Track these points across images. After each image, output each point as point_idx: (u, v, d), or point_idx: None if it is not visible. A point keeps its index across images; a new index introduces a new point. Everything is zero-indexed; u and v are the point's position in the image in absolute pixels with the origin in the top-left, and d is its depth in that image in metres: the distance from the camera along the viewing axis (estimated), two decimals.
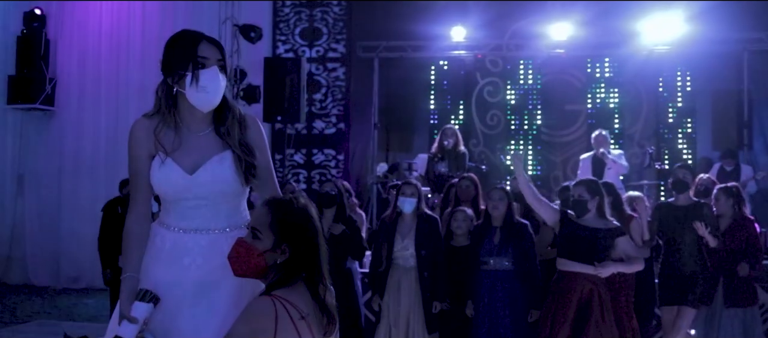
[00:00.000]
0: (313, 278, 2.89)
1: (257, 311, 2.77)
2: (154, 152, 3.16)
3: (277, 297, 2.78)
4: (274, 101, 11.21)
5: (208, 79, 3.08)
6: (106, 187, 12.46)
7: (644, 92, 12.68)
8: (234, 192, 3.19)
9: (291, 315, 2.77)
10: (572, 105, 12.98)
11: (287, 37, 13.22)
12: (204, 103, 3.12)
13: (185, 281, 3.08)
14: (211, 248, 3.09)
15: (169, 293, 3.06)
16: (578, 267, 5.96)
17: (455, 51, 13.06)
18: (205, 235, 3.13)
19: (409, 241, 6.83)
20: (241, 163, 3.14)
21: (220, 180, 3.13)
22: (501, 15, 12.58)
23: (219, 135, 3.18)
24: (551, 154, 12.90)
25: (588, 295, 5.93)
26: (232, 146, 3.16)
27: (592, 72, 12.97)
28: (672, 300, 6.96)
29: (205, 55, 3.10)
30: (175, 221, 3.17)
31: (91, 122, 13.08)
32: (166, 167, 3.13)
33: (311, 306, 2.86)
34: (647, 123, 12.68)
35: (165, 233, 3.18)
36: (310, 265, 2.88)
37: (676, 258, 6.97)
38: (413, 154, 12.27)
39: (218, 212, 3.16)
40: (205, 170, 3.12)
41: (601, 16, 12.14)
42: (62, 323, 9.96)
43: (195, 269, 3.10)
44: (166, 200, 3.21)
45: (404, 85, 13.31)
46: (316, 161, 13.10)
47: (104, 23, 13.29)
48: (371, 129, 12.99)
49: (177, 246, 3.13)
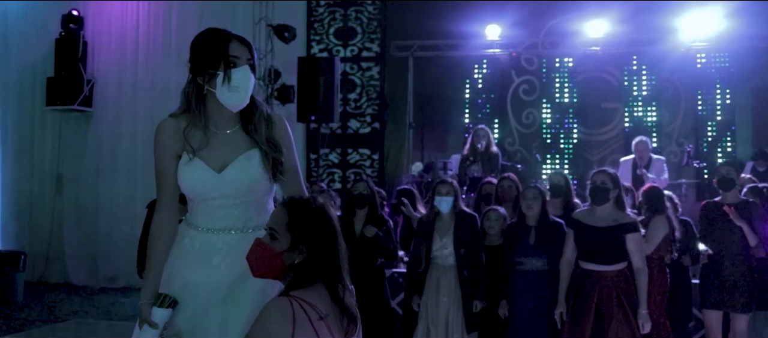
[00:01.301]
0: (332, 279, 2.85)
1: (274, 312, 2.75)
2: (180, 151, 3.17)
3: (294, 298, 2.76)
4: (308, 101, 11.21)
5: (239, 79, 3.08)
6: (143, 187, 12.56)
7: (682, 89, 12.51)
8: (261, 190, 3.19)
9: (309, 315, 2.75)
10: (608, 103, 12.84)
11: (321, 37, 13.23)
12: (235, 102, 3.12)
13: (214, 281, 3.09)
14: (240, 248, 3.05)
15: (198, 292, 3.08)
16: (592, 266, 6.01)
17: (490, 49, 12.99)
18: (233, 235, 3.13)
19: (447, 240, 6.76)
20: (269, 160, 3.14)
21: (248, 178, 3.13)
22: (536, 13, 12.49)
23: (246, 132, 3.18)
24: (587, 153, 12.78)
25: (607, 294, 5.89)
26: (259, 143, 3.15)
27: (629, 70, 12.80)
28: (718, 303, 6.80)
29: (236, 54, 3.10)
30: (203, 221, 3.17)
31: (129, 123, 13.18)
32: (193, 166, 3.13)
33: (331, 307, 2.84)
34: (685, 121, 12.50)
35: (194, 234, 3.18)
36: (328, 266, 2.85)
37: (721, 259, 6.81)
38: (448, 153, 12.21)
39: (246, 211, 3.16)
40: (233, 168, 3.12)
41: (638, 12, 12.01)
42: (99, 322, 10.07)
43: (224, 269, 3.10)
44: (194, 201, 3.21)
45: (439, 84, 13.25)
46: (350, 160, 13.09)
47: (141, 24, 13.39)
48: (406, 129, 12.97)
49: (206, 247, 3.13)
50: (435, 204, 6.87)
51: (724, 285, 6.71)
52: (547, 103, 13.03)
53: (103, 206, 13.22)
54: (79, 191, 13.39)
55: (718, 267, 6.79)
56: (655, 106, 12.66)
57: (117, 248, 12.91)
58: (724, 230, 6.83)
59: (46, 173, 13.55)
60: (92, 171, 13.33)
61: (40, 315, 10.39)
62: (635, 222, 6.08)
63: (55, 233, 13.45)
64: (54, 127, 13.55)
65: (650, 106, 12.69)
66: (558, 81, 13.08)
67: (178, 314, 3.09)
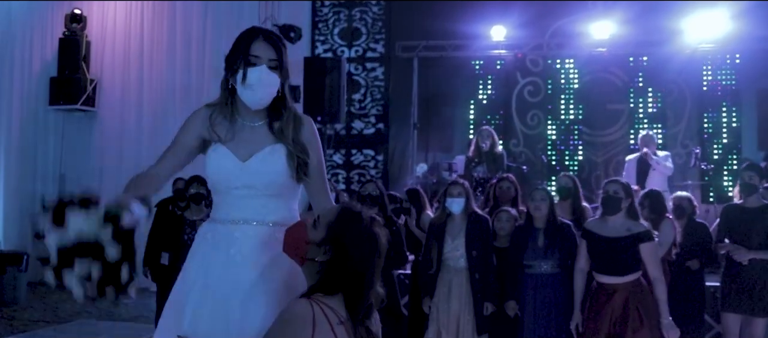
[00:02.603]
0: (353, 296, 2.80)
1: (295, 313, 2.73)
2: (206, 136, 3.21)
3: (315, 300, 2.74)
4: (314, 101, 11.17)
5: (255, 78, 3.09)
6: None
7: (688, 91, 12.46)
8: (284, 185, 3.18)
9: (329, 318, 2.72)
10: (614, 104, 12.79)
11: (326, 37, 13.21)
12: (251, 100, 3.14)
13: (232, 273, 3.07)
14: (258, 241, 3.09)
15: (217, 289, 3.06)
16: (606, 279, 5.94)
17: (495, 50, 12.94)
18: (253, 227, 3.13)
19: (459, 242, 6.71)
20: (294, 158, 3.15)
21: (272, 170, 3.13)
22: (541, 14, 12.45)
23: (271, 130, 3.19)
24: (593, 154, 12.73)
25: (622, 304, 5.82)
26: (285, 142, 3.16)
27: (635, 71, 12.76)
28: (739, 307, 6.72)
29: (257, 53, 3.11)
30: (224, 213, 3.18)
31: (133, 123, 13.17)
32: (219, 154, 3.17)
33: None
34: (691, 122, 12.46)
35: (216, 227, 3.19)
36: (350, 280, 2.80)
37: (740, 263, 6.73)
38: (453, 154, 12.17)
39: (267, 203, 3.15)
40: (257, 159, 3.14)
41: (644, 14, 11.97)
42: (102, 322, 10.03)
43: (240, 259, 3.08)
44: (218, 192, 3.23)
45: (444, 85, 13.20)
46: (355, 161, 13.06)
47: (145, 24, 13.39)
48: (411, 129, 12.93)
49: (225, 238, 3.13)
50: (446, 206, 6.81)
51: (744, 288, 6.65)
52: (551, 103, 12.97)
53: None
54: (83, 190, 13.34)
55: (738, 271, 6.72)
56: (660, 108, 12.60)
57: None
58: (744, 234, 6.75)
59: (49, 173, 13.53)
60: (95, 171, 13.31)
61: (42, 315, 10.35)
62: (649, 231, 5.95)
63: None
64: (57, 127, 13.54)
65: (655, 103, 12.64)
66: (563, 81, 13.02)
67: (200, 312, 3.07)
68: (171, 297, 3.24)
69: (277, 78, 3.14)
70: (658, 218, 6.95)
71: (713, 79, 12.51)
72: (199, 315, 3.06)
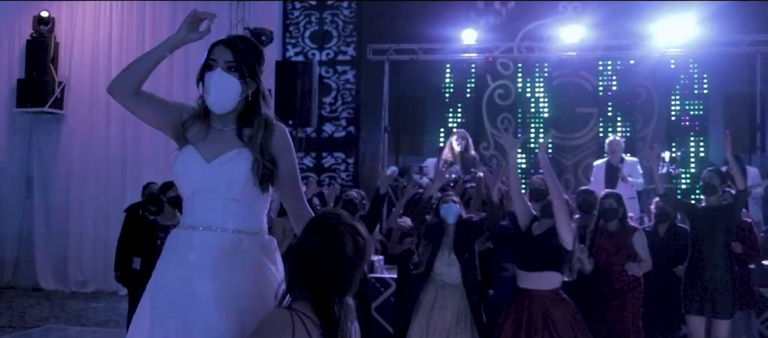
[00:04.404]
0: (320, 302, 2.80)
1: (274, 320, 2.76)
2: (179, 130, 3.23)
3: (295, 311, 2.75)
4: (285, 105, 11.14)
5: (211, 82, 3.12)
6: (115, 191, 12.48)
7: (656, 94, 12.57)
8: (247, 191, 3.16)
9: (307, 327, 2.73)
10: (583, 108, 12.87)
11: (297, 40, 13.19)
12: (211, 104, 3.16)
13: (192, 282, 3.04)
14: (220, 250, 3.06)
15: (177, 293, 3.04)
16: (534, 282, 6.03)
17: (466, 54, 12.97)
18: (211, 233, 3.10)
19: (453, 257, 6.47)
20: (259, 167, 3.14)
21: (235, 172, 3.12)
22: (512, 17, 12.52)
23: (240, 136, 3.19)
24: (562, 157, 12.80)
25: (541, 313, 5.91)
26: (252, 150, 3.15)
27: (604, 74, 12.85)
28: (701, 309, 6.83)
29: (214, 57, 3.13)
30: (187, 218, 3.18)
31: (101, 126, 13.07)
32: (186, 154, 3.18)
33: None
34: (659, 126, 12.56)
35: (178, 232, 3.20)
36: (313, 296, 2.80)
37: (704, 264, 6.84)
38: (424, 157, 12.17)
39: (228, 208, 3.13)
40: (221, 160, 3.13)
41: (613, 18, 12.09)
42: (71, 328, 9.94)
43: (199, 265, 3.05)
44: (184, 196, 3.24)
45: (415, 88, 13.20)
46: (325, 164, 13.04)
47: (114, 26, 13.30)
48: (381, 132, 12.93)
49: (185, 242, 3.12)
50: (441, 214, 6.59)
51: (706, 291, 6.74)
52: (520, 107, 13.01)
53: (74, 210, 13.09)
54: (50, 194, 13.25)
55: (700, 273, 6.81)
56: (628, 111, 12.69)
57: (88, 253, 12.81)
58: (707, 234, 6.86)
59: (15, 176, 13.40)
60: (63, 174, 13.20)
61: (9, 321, 10.23)
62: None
63: (25, 238, 13.29)
64: (24, 129, 13.40)
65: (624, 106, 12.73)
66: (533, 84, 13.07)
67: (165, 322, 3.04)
68: (139, 306, 3.22)
69: (236, 81, 3.13)
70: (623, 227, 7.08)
71: (680, 83, 12.60)
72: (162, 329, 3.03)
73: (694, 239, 6.96)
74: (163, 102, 3.27)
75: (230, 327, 2.96)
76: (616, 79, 12.79)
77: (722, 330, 6.80)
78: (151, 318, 3.09)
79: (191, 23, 3.12)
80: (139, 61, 3.21)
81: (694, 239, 6.97)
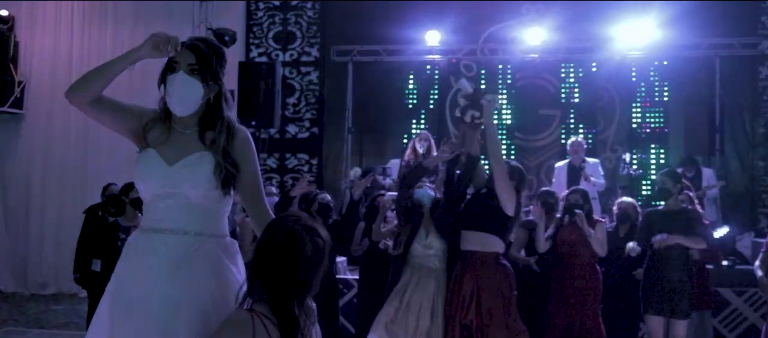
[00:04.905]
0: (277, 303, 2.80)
1: (235, 320, 2.76)
2: (140, 133, 3.23)
3: (255, 312, 2.75)
4: (249, 106, 11.11)
5: (174, 85, 3.11)
6: (75, 192, 12.34)
7: (618, 96, 12.69)
8: (209, 195, 3.16)
9: (268, 330, 2.73)
10: (546, 109, 12.96)
11: (261, 41, 13.15)
12: (172, 106, 3.16)
13: (153, 285, 3.03)
14: (178, 252, 3.06)
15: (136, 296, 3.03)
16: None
17: (430, 55, 13.00)
18: (173, 236, 3.10)
19: (433, 238, 6.44)
20: (221, 170, 3.13)
21: (197, 176, 3.12)
22: (475, 19, 12.57)
23: (202, 139, 3.19)
24: (525, 158, 12.86)
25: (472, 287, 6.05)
26: (215, 153, 3.15)
27: (566, 76, 12.95)
28: (660, 310, 6.90)
29: (176, 59, 3.13)
30: (148, 220, 3.17)
31: (61, 127, 12.91)
32: (148, 156, 3.17)
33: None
34: (620, 127, 12.68)
35: (138, 234, 3.18)
36: (271, 298, 2.80)
37: (662, 266, 6.90)
38: (387, 158, 12.18)
39: (190, 212, 3.12)
40: (183, 164, 3.13)
41: (575, 20, 12.18)
42: (30, 331, 9.82)
43: (157, 269, 3.05)
44: (145, 199, 3.22)
45: (378, 89, 13.20)
46: (289, 165, 13.02)
47: (76, 25, 13.14)
48: (345, 133, 12.94)
49: (145, 245, 3.11)
50: (417, 197, 6.56)
51: (664, 291, 6.82)
52: None
53: (34, 211, 12.94)
54: (9, 195, 13.08)
55: (658, 274, 6.89)
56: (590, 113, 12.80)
57: (47, 255, 12.67)
58: None
59: None
60: (23, 175, 13.04)
61: None
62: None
63: None
64: None
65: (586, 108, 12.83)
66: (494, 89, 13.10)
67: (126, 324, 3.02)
68: (98, 308, 3.20)
69: (199, 84, 3.12)
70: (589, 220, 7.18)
71: (642, 85, 12.72)
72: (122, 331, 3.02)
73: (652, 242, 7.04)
74: (123, 107, 3.24)
75: (191, 330, 2.96)
76: (578, 82, 12.89)
77: (680, 330, 6.89)
78: (110, 320, 3.07)
79: (155, 44, 3.07)
80: (98, 70, 3.18)
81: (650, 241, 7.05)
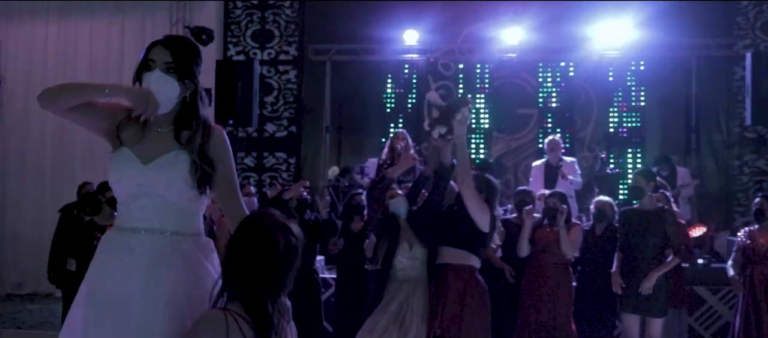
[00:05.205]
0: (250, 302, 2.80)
1: (209, 319, 2.76)
2: (113, 133, 3.20)
3: (229, 311, 2.75)
4: (226, 104, 11.06)
5: (150, 83, 3.09)
6: (52, 191, 12.26)
7: (595, 96, 12.76)
8: (184, 193, 3.15)
9: (242, 328, 2.73)
10: (523, 109, 13.00)
11: (238, 39, 13.11)
12: None
13: (130, 284, 3.01)
14: (154, 251, 3.06)
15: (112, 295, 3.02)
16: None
17: (408, 54, 13.02)
18: (150, 235, 3.08)
19: (416, 247, 6.17)
20: (197, 169, 3.12)
21: (172, 175, 3.11)
22: (454, 19, 12.59)
23: (177, 139, 3.17)
24: (503, 158, 12.91)
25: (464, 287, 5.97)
26: (190, 152, 3.14)
27: (544, 76, 13.00)
28: (635, 308, 6.97)
29: (153, 57, 3.12)
30: (122, 219, 3.16)
31: (37, 126, 12.82)
32: (122, 155, 3.15)
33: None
34: (597, 127, 12.75)
35: (113, 233, 3.16)
36: (244, 296, 2.80)
37: (638, 265, 6.98)
38: (365, 157, 12.19)
39: (166, 212, 3.12)
40: (159, 163, 3.11)
41: (553, 20, 12.22)
42: (6, 331, 9.75)
43: (134, 269, 3.03)
44: (120, 199, 3.20)
45: (356, 88, 13.21)
46: (267, 164, 12.99)
47: (52, 24, 13.05)
48: (323, 132, 12.93)
49: (121, 245, 3.10)
50: (392, 209, 6.32)
51: (641, 290, 6.87)
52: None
53: (10, 209, 12.85)
54: None
55: (634, 273, 6.95)
56: (567, 113, 12.85)
57: (23, 254, 12.57)
58: (640, 236, 6.99)
59: None
60: None
61: None
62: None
63: None
64: None
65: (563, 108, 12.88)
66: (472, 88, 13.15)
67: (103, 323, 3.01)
68: (72, 308, 3.19)
69: (175, 82, 3.12)
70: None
71: (619, 91, 12.78)
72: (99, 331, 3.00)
73: (628, 241, 7.09)
74: (96, 110, 3.19)
75: (168, 330, 2.95)
76: (556, 82, 12.95)
77: (655, 329, 6.96)
78: (86, 319, 3.05)
79: (135, 101, 3.06)
80: (75, 89, 3.15)
81: (628, 240, 7.10)
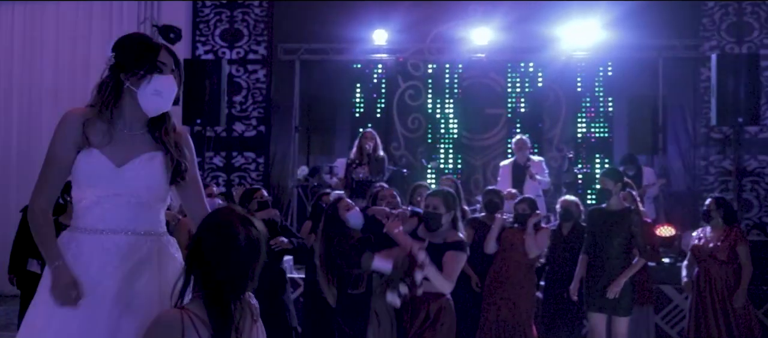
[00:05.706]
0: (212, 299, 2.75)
1: (162, 321, 2.73)
2: (79, 143, 3.13)
3: (185, 310, 2.72)
4: (194, 104, 11.02)
5: (164, 85, 3.13)
6: (17, 190, 12.12)
7: (563, 96, 12.83)
8: (158, 194, 3.18)
9: (197, 328, 2.70)
10: (492, 109, 13.04)
11: (207, 38, 13.03)
12: (154, 107, 3.15)
13: (102, 284, 3.01)
14: (130, 252, 3.05)
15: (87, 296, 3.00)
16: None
17: (377, 54, 13.04)
18: (124, 237, 3.08)
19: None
20: (172, 163, 3.16)
21: (148, 177, 3.12)
22: (423, 19, 12.62)
23: (154, 137, 3.19)
24: (471, 158, 12.96)
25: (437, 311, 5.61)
26: (167, 145, 3.17)
27: (513, 76, 13.05)
28: (601, 307, 7.03)
29: (164, 61, 3.16)
30: (94, 222, 3.11)
31: (2, 124, 12.66)
32: (93, 159, 3.10)
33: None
34: (566, 127, 12.82)
35: (81, 238, 3.10)
36: (207, 295, 2.76)
37: (603, 264, 7.04)
38: (334, 157, 12.19)
39: (139, 212, 3.12)
40: (134, 165, 3.11)
41: (522, 21, 12.27)
42: None
43: (112, 270, 3.03)
44: (88, 200, 3.14)
45: (325, 87, 13.22)
46: (235, 164, 12.92)
47: (16, 22, 12.89)
48: (292, 132, 12.90)
49: (94, 249, 3.07)
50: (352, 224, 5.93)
51: (606, 288, 6.92)
52: (431, 107, 13.10)
53: None
54: None
55: (599, 272, 7.01)
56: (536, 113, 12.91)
57: None
58: (606, 236, 7.04)
59: None
60: None
61: None
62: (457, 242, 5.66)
63: None
64: None
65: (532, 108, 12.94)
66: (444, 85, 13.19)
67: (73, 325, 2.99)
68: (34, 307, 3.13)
69: (176, 86, 3.21)
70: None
71: (587, 98, 12.86)
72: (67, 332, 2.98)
73: (594, 240, 7.14)
74: (60, 171, 3.15)
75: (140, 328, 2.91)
76: (525, 82, 13.01)
77: (621, 327, 7.02)
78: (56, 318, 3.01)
79: (61, 292, 2.99)
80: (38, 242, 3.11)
81: (594, 240, 7.15)
